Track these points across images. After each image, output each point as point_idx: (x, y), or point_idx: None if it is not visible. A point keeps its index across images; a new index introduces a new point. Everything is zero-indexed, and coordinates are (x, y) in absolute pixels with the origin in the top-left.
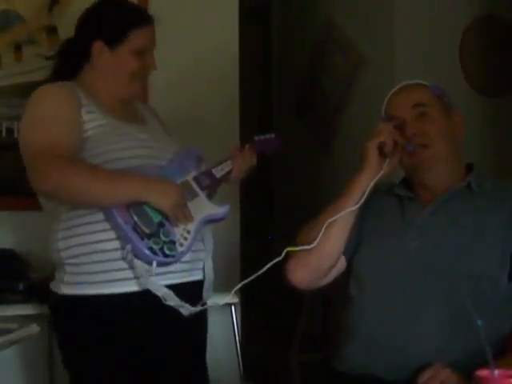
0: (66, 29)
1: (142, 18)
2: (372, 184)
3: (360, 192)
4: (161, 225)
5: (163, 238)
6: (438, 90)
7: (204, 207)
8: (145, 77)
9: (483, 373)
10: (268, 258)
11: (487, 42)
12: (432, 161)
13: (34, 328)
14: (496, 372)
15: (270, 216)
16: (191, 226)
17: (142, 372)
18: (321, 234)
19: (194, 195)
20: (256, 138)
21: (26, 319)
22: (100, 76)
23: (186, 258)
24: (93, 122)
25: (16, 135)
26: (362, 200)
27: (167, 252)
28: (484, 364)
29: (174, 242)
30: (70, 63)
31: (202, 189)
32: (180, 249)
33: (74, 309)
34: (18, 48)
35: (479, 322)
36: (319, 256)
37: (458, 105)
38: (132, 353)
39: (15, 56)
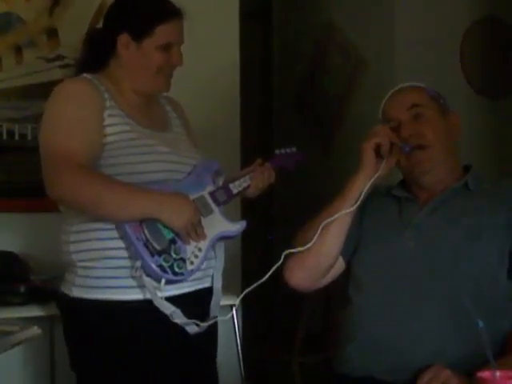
0: (67, 31)
1: (170, 13)
2: (369, 185)
3: (357, 193)
4: (173, 241)
5: (174, 256)
6: (434, 92)
7: (218, 224)
8: (170, 72)
9: (484, 374)
10: (269, 258)
11: (488, 43)
12: (429, 163)
13: (36, 330)
14: (497, 373)
15: (270, 216)
16: (203, 244)
17: (146, 376)
18: (317, 235)
19: (209, 212)
20: (277, 151)
21: (27, 321)
22: (125, 69)
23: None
24: (115, 126)
25: (17, 138)
26: (359, 201)
27: (176, 270)
28: (484, 364)
29: (184, 260)
30: (96, 53)
31: (218, 204)
32: (190, 267)
33: (83, 312)
34: (18, 50)
35: (480, 323)
36: (317, 257)
37: (458, 106)
38: (138, 356)
39: (16, 58)
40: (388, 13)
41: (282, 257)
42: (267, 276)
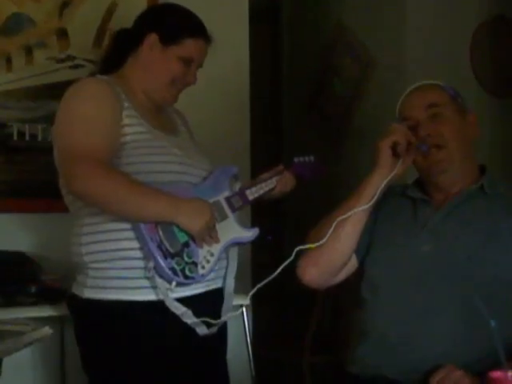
0: (77, 32)
1: (201, 32)
2: (385, 184)
3: (372, 191)
4: (186, 245)
5: (186, 259)
6: (453, 91)
7: (232, 230)
8: (182, 87)
9: (496, 374)
10: (279, 258)
11: (497, 42)
12: (446, 162)
13: (47, 330)
14: (510, 373)
15: (279, 217)
16: (215, 249)
17: (159, 376)
18: (330, 232)
19: (224, 217)
20: (296, 159)
21: (38, 322)
22: (141, 70)
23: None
24: (132, 127)
25: (27, 138)
26: (374, 199)
27: (188, 274)
28: (496, 365)
29: (196, 264)
30: (120, 53)
31: (233, 210)
32: (201, 271)
33: (96, 312)
34: (28, 51)
35: (492, 323)
36: (330, 254)
37: (468, 105)
38: (151, 357)
39: (26, 59)
40: (399, 13)
41: (294, 253)
42: (278, 271)
